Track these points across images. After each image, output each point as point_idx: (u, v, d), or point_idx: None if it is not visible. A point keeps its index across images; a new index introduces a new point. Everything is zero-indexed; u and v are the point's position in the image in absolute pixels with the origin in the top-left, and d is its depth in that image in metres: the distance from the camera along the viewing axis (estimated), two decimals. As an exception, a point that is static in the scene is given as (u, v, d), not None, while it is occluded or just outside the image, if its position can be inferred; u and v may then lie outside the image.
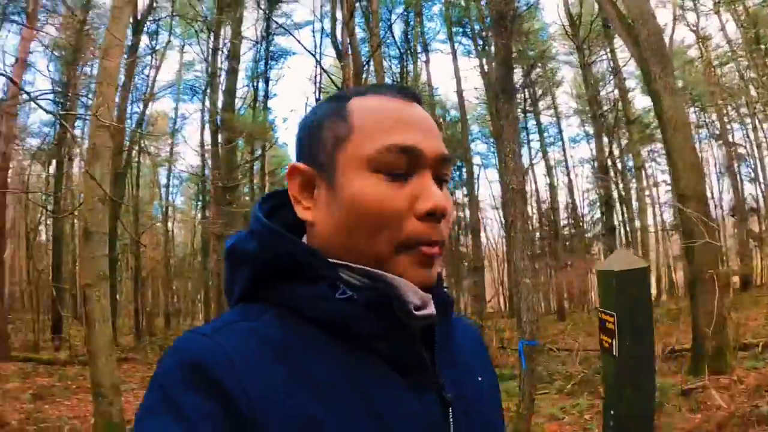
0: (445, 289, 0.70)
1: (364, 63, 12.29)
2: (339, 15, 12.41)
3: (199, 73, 21.42)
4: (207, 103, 18.01)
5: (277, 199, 0.70)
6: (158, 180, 25.84)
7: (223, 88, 15.40)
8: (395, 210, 0.59)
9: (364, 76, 12.26)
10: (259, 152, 18.75)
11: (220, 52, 16.10)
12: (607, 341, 2.94)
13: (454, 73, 18.49)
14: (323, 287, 0.58)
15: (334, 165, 0.61)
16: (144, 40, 17.51)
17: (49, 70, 16.99)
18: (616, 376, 2.93)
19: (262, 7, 17.97)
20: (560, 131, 23.43)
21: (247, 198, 17.29)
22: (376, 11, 12.40)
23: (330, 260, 0.61)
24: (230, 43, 15.63)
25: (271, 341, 0.56)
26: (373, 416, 0.55)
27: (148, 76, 19.29)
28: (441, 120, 20.96)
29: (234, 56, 15.57)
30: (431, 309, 0.63)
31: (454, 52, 19.28)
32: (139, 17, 15.77)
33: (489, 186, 49.99)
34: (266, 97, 20.69)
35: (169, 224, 25.47)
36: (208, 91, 17.36)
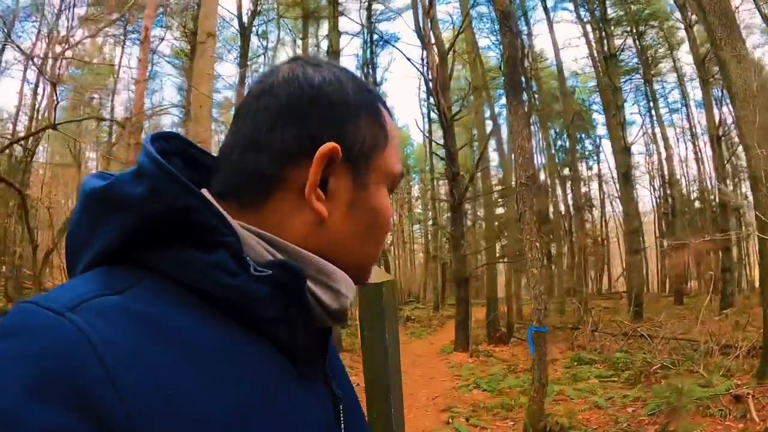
0: None
1: (447, 49, 12.41)
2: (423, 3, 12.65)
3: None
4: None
5: (169, 144, 0.58)
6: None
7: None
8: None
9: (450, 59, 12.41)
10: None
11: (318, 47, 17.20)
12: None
13: (552, 45, 17.60)
14: (223, 255, 0.49)
15: (369, 167, 0.58)
16: (254, 41, 19.17)
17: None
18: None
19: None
20: (683, 96, 21.12)
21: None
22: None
23: (242, 224, 0.54)
24: (329, 37, 16.54)
25: (149, 323, 0.44)
26: (263, 405, 0.49)
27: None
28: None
29: (333, 50, 16.36)
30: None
31: (551, 24, 18.35)
32: (245, 23, 17.26)
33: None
34: (375, 83, 21.54)
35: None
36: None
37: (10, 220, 12.68)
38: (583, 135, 21.12)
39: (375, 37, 21.29)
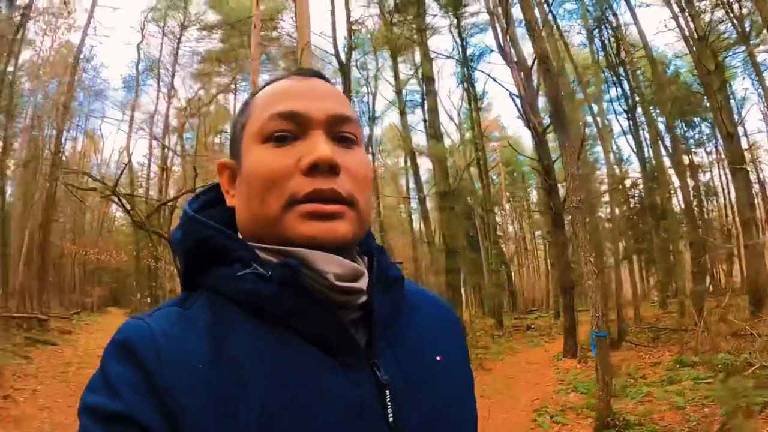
0: (394, 264, 0.71)
1: (531, 65, 12.86)
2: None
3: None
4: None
5: (217, 192, 0.73)
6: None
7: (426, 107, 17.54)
8: (280, 170, 0.62)
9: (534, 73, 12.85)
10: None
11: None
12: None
13: (638, 32, 16.97)
14: (238, 268, 0.61)
15: (240, 149, 0.68)
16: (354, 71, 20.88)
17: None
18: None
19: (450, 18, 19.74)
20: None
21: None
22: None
23: (249, 243, 0.64)
24: (420, 66, 17.67)
25: (196, 323, 0.59)
26: (286, 395, 0.56)
27: (368, 102, 22.84)
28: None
29: (427, 76, 17.42)
30: (361, 283, 0.63)
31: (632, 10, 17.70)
32: (344, 60, 18.95)
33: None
34: (475, 98, 22.33)
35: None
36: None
37: (160, 262, 15.23)
38: (699, 119, 19.80)
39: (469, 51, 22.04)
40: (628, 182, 21.58)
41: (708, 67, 11.64)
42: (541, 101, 13.84)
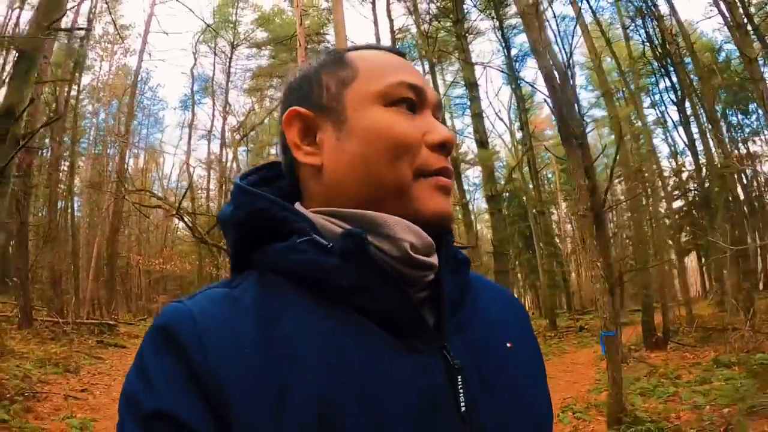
0: (461, 246, 0.69)
1: (566, 67, 13.03)
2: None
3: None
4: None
5: (269, 171, 0.70)
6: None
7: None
8: (411, 138, 0.60)
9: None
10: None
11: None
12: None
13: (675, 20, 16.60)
14: (294, 239, 0.57)
15: (343, 104, 0.63)
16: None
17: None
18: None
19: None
20: None
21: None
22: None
23: (314, 210, 0.62)
24: (462, 72, 18.02)
25: (243, 303, 0.55)
26: (350, 381, 0.52)
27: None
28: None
29: (470, 82, 17.62)
30: (434, 259, 0.61)
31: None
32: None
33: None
34: (522, 99, 22.44)
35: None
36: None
37: (221, 271, 16.25)
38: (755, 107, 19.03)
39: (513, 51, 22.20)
40: (681, 175, 21.08)
41: (749, 56, 11.38)
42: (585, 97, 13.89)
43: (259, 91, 24.46)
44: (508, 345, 0.66)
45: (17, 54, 7.64)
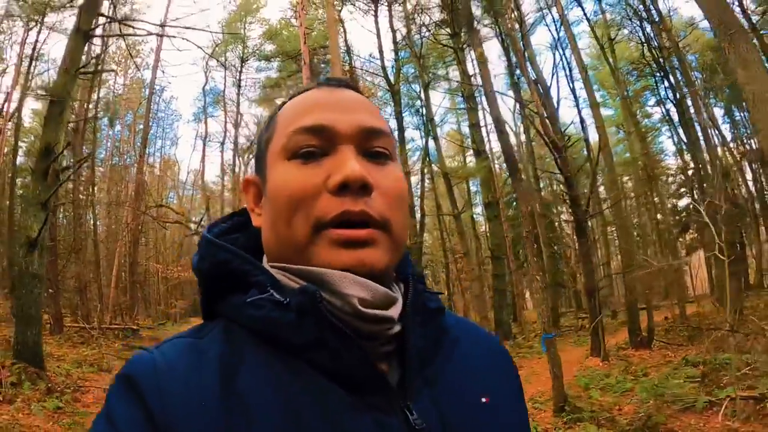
0: (432, 293, 0.66)
1: (551, 80, 14.12)
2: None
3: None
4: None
5: (241, 216, 0.71)
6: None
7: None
8: (306, 189, 0.58)
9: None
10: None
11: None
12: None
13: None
14: (253, 293, 0.58)
15: (265, 165, 0.64)
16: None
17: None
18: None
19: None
20: None
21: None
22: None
23: (271, 264, 0.62)
24: (461, 84, 19.12)
25: (207, 354, 0.56)
26: None
27: (422, 114, 24.45)
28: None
29: (466, 95, 18.71)
30: (393, 311, 0.58)
31: None
32: (392, 80, 20.67)
33: None
34: (521, 105, 23.43)
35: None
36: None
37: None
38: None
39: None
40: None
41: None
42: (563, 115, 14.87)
43: (270, 101, 25.94)
44: (483, 400, 0.63)
45: (50, 100, 9.09)
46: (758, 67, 6.96)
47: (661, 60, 19.81)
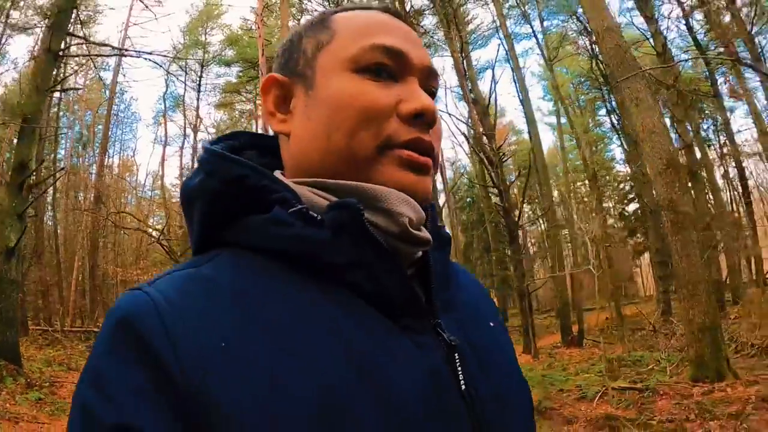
0: (442, 226, 0.67)
1: (486, 106, 15.69)
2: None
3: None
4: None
5: (235, 140, 0.65)
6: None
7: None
8: (379, 107, 0.57)
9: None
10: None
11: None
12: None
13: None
14: (278, 211, 0.53)
15: (314, 69, 0.61)
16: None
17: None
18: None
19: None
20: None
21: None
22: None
23: (294, 180, 0.59)
24: None
25: (217, 286, 0.50)
26: (352, 366, 0.48)
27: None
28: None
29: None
30: (426, 234, 0.58)
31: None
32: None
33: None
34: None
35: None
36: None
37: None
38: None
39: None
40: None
41: (668, 84, 13.67)
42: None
43: (230, 105, 27.01)
44: (491, 324, 0.67)
45: (22, 118, 10.10)
46: (648, 105, 8.43)
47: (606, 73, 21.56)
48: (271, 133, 0.67)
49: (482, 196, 27.17)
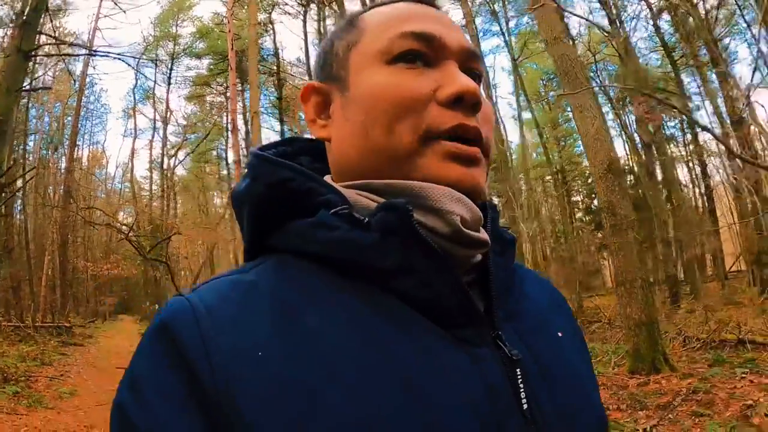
0: (503, 226, 0.63)
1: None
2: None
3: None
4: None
5: (288, 146, 0.66)
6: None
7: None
8: (415, 95, 0.55)
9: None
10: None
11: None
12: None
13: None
14: (323, 214, 0.52)
15: (347, 69, 0.60)
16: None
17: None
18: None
19: None
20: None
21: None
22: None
23: (342, 184, 0.58)
24: None
25: (258, 293, 0.50)
26: (396, 381, 0.46)
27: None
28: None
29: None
30: (484, 234, 0.56)
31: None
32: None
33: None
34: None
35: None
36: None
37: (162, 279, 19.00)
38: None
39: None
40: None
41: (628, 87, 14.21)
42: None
43: (200, 97, 27.26)
44: (559, 334, 0.63)
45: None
46: (592, 114, 9.01)
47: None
48: None
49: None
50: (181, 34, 26.66)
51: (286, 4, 21.56)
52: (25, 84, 12.21)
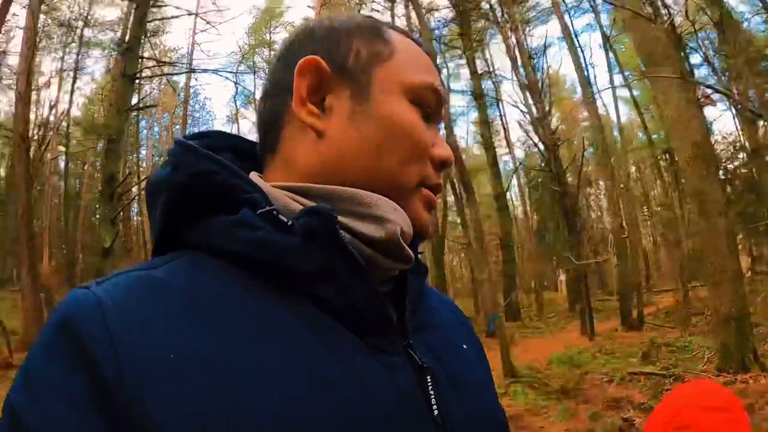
0: (421, 253, 0.68)
1: (541, 84, 15.94)
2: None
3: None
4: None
5: (215, 140, 0.62)
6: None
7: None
8: (426, 145, 0.60)
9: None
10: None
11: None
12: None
13: None
14: (245, 212, 0.51)
15: (370, 79, 0.60)
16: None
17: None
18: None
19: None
20: None
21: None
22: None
23: (273, 184, 0.57)
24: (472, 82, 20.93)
25: (170, 292, 0.48)
26: (313, 383, 0.46)
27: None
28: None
29: (476, 92, 20.63)
30: (410, 251, 0.58)
31: None
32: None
33: None
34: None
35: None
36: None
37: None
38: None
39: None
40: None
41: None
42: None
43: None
44: (465, 346, 0.67)
45: (108, 138, 11.72)
46: (677, 98, 8.70)
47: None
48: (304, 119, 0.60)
49: (549, 177, 27.34)
50: (275, 41, 27.93)
51: (374, 1, 21.95)
52: (132, 102, 13.50)
